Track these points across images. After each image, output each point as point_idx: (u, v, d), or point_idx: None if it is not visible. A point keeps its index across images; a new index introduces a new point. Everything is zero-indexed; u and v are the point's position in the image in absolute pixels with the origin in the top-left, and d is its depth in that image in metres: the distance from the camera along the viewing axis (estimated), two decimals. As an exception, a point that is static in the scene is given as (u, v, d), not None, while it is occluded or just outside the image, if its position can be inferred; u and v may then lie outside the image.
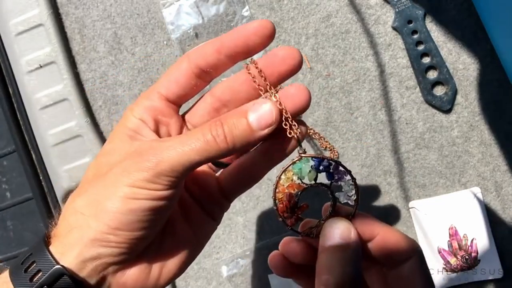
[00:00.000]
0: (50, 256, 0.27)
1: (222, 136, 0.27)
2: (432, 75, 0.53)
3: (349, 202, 0.32)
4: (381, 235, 0.30)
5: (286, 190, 0.32)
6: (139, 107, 0.30)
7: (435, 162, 0.53)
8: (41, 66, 0.59)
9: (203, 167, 0.33)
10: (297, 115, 0.30)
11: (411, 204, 0.54)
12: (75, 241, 0.27)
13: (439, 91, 0.53)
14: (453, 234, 0.52)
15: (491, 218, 0.52)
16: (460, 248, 0.52)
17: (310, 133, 0.54)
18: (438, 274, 0.53)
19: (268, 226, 0.56)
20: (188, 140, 0.27)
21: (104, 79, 0.59)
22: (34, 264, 0.27)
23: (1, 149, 0.64)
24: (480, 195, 0.52)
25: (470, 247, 0.52)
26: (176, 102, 0.31)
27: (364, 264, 0.31)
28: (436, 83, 0.53)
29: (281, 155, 0.31)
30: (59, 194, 0.60)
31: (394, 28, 0.53)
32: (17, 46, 0.59)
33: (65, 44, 0.59)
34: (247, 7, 0.56)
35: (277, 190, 0.32)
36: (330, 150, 0.54)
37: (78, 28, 0.60)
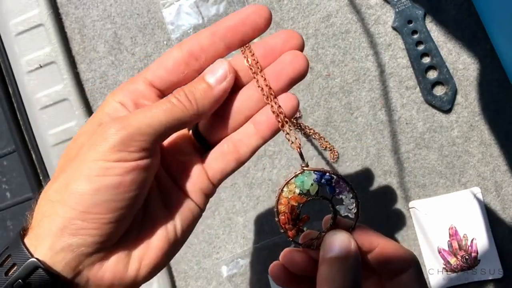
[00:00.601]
0: (24, 249, 0.25)
1: (184, 97, 0.27)
2: (432, 75, 0.53)
3: (349, 215, 0.33)
4: (380, 247, 0.31)
5: (288, 202, 0.33)
6: (122, 91, 0.29)
7: (435, 162, 0.53)
8: (41, 66, 0.59)
9: (188, 150, 0.31)
10: (297, 82, 0.30)
11: (411, 204, 0.54)
12: (46, 232, 0.26)
13: (439, 91, 0.53)
14: (453, 234, 0.52)
15: (491, 218, 0.52)
16: (460, 248, 0.52)
17: (310, 133, 0.54)
18: (438, 274, 0.53)
19: (268, 226, 0.56)
20: (153, 106, 0.27)
21: (104, 79, 0.59)
22: (10, 258, 0.26)
23: (1, 149, 0.64)
24: (480, 195, 0.52)
25: (470, 247, 0.52)
26: (162, 89, 0.30)
27: (364, 274, 0.31)
28: (436, 83, 0.53)
29: (265, 127, 0.30)
30: (59, 194, 0.60)
31: (394, 28, 0.53)
32: (17, 46, 0.59)
33: (65, 44, 0.59)
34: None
35: (279, 202, 0.33)
36: (330, 150, 0.54)
37: (78, 28, 0.60)
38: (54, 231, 0.25)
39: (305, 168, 0.33)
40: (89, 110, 0.59)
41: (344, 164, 0.55)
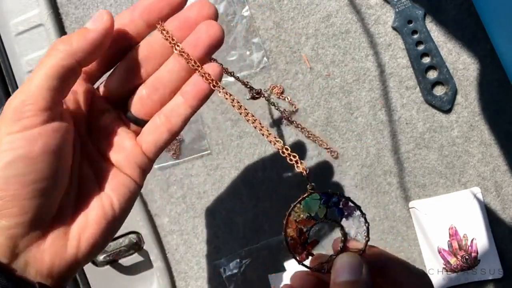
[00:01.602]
0: None
1: (61, 44, 0.28)
2: (432, 75, 0.53)
3: (359, 237, 0.32)
4: (392, 270, 0.30)
5: (297, 226, 0.33)
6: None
7: (435, 162, 0.53)
8: (41, 66, 0.59)
9: (122, 131, 0.32)
10: (214, 49, 0.31)
11: (411, 204, 0.54)
12: None
13: (439, 91, 0.53)
14: (453, 234, 0.52)
15: (491, 218, 0.52)
16: (460, 248, 0.52)
17: (307, 135, 0.54)
18: (438, 274, 0.53)
19: (268, 226, 0.56)
20: (40, 62, 0.28)
21: (104, 79, 0.59)
22: None
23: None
24: (480, 195, 0.52)
25: (470, 247, 0.52)
26: (86, 68, 0.31)
27: None
28: (436, 83, 0.53)
29: (192, 96, 0.32)
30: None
31: (394, 28, 0.53)
32: (17, 46, 0.59)
33: (65, 44, 0.59)
34: (247, 7, 0.56)
35: (287, 226, 0.33)
36: (328, 150, 0.54)
37: (78, 28, 0.60)
38: None
39: (311, 190, 0.33)
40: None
41: (344, 164, 0.55)
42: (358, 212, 0.32)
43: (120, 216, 0.30)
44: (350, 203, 0.32)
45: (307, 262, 0.33)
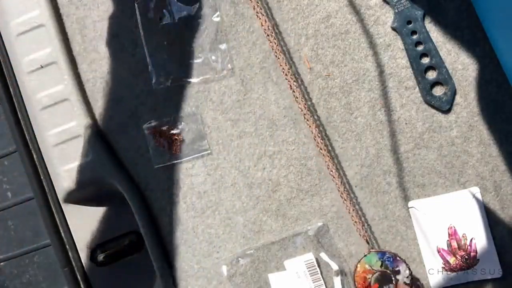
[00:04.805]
0: None
1: None
2: (431, 75, 0.53)
3: (406, 281, 0.50)
4: None
5: (362, 275, 0.50)
6: None
7: (434, 162, 0.53)
8: (42, 67, 0.59)
9: None
10: None
11: (410, 203, 0.54)
12: None
13: (438, 91, 0.53)
14: (452, 233, 0.53)
15: (490, 217, 0.52)
16: (459, 247, 0.52)
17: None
18: (437, 274, 0.53)
19: (268, 226, 0.56)
20: None
21: (105, 79, 0.60)
22: None
23: (2, 149, 0.64)
24: (479, 195, 0.52)
25: (469, 247, 0.52)
26: None
27: None
28: (435, 83, 0.53)
29: None
30: (59, 194, 0.60)
31: (394, 29, 0.54)
32: (18, 46, 0.59)
33: (66, 45, 0.59)
34: (218, 13, 0.56)
35: (355, 275, 0.51)
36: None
37: (78, 29, 0.60)
38: None
39: (371, 250, 0.51)
40: (90, 110, 0.60)
41: (344, 164, 0.55)
42: (404, 264, 0.50)
43: None
44: (399, 258, 0.51)
45: None
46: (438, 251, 0.53)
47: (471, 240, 0.52)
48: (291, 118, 0.56)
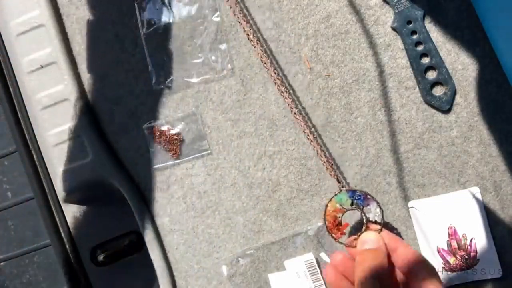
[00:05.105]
0: None
1: None
2: (431, 75, 0.53)
3: (376, 219, 0.50)
4: (400, 249, 0.46)
5: (332, 213, 0.50)
6: None
7: (434, 162, 0.53)
8: (42, 67, 0.59)
9: None
10: None
11: (410, 204, 0.54)
12: None
13: (438, 91, 0.53)
14: (452, 233, 0.53)
15: (490, 217, 0.52)
16: (459, 247, 0.52)
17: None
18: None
19: (268, 226, 0.56)
20: None
21: (105, 79, 0.60)
22: None
23: (2, 149, 0.64)
24: (479, 195, 0.52)
25: (469, 247, 0.52)
26: None
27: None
28: (435, 83, 0.53)
29: None
30: (59, 194, 0.60)
31: (394, 29, 0.54)
32: (18, 46, 0.59)
33: (66, 45, 0.60)
34: (218, 13, 0.56)
35: (326, 214, 0.50)
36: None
37: (79, 29, 0.60)
38: None
39: (342, 189, 0.50)
40: (90, 111, 0.60)
41: (344, 164, 0.55)
42: (374, 202, 0.50)
43: None
44: (369, 196, 0.50)
45: (341, 239, 0.50)
46: (438, 251, 0.53)
47: (471, 240, 0.52)
48: (291, 118, 0.56)
